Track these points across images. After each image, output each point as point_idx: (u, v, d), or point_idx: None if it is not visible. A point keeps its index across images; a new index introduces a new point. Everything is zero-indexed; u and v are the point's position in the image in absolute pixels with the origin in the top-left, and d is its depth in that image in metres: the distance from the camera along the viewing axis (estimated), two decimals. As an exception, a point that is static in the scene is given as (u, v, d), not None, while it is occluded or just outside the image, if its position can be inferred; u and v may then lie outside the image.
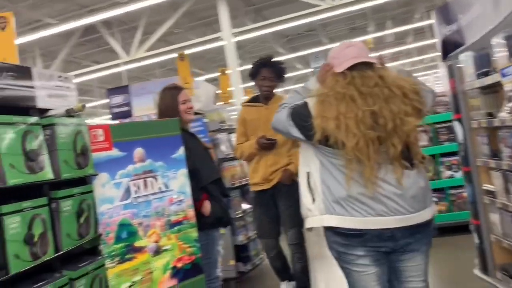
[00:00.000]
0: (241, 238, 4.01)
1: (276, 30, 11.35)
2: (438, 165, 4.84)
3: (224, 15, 10.07)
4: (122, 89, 4.68)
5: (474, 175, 2.88)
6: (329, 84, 1.89)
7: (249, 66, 3.39)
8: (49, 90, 1.88)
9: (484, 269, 2.94)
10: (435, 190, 4.77)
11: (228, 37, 10.17)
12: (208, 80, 9.88)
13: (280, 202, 3.23)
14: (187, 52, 12.60)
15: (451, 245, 4.24)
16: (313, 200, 1.92)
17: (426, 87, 1.98)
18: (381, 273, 1.89)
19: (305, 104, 1.91)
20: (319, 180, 1.90)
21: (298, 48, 17.19)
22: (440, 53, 3.12)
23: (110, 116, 4.67)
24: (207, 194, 2.59)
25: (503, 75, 2.34)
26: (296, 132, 1.93)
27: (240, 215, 4.03)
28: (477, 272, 3.04)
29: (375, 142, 1.75)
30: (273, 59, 3.36)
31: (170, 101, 2.68)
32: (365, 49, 1.94)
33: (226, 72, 6.03)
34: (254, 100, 3.47)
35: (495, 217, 2.78)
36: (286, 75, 3.43)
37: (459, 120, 2.92)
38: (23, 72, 1.78)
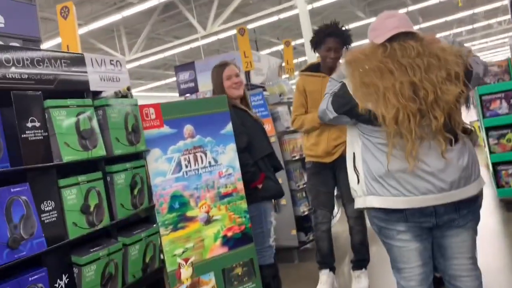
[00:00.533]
0: (302, 209, 4.08)
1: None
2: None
3: (297, -19, 9.89)
4: (188, 66, 4.88)
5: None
6: (368, 56, 1.85)
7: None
8: (101, 74, 2.05)
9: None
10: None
11: (302, 5, 9.99)
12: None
13: (340, 176, 3.15)
14: (262, 22, 12.64)
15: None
16: (358, 181, 1.91)
17: (478, 59, 1.85)
18: (423, 249, 1.86)
19: (342, 85, 1.88)
20: (361, 160, 1.89)
21: (379, 11, 16.38)
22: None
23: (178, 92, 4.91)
24: (260, 170, 2.67)
25: None
26: (341, 116, 1.89)
27: (301, 186, 4.08)
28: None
29: (416, 115, 1.68)
30: (340, 27, 3.11)
31: (216, 79, 2.75)
32: (406, 20, 1.84)
33: (292, 43, 5.95)
34: (314, 69, 3.27)
35: None
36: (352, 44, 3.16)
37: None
38: (77, 59, 1.97)
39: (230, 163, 2.50)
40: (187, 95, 4.82)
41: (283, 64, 5.56)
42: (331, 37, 3.06)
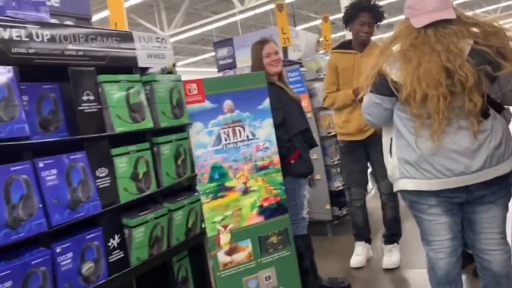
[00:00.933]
0: (336, 184, 4.16)
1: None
2: None
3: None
4: (226, 42, 4.96)
5: None
6: (403, 39, 1.84)
7: None
8: (148, 51, 2.18)
9: None
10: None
11: (341, -22, 9.82)
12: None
13: (373, 153, 3.21)
14: (300, -3, 12.44)
15: None
16: (394, 166, 1.96)
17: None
18: (453, 223, 1.90)
19: (379, 71, 1.88)
20: (395, 145, 1.94)
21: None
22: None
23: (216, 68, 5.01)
24: (295, 146, 2.76)
25: None
26: (383, 102, 1.91)
27: (336, 162, 4.14)
28: None
29: (446, 97, 1.70)
30: (373, 2, 3.12)
31: (256, 56, 2.83)
32: (446, 2, 1.79)
33: (330, 18, 5.90)
34: (345, 46, 3.29)
35: None
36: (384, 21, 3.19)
37: None
38: (126, 37, 2.10)
39: (267, 137, 2.61)
40: (226, 71, 4.93)
41: (321, 39, 5.55)
42: (364, 11, 3.08)
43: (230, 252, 2.45)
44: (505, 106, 1.86)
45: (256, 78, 2.60)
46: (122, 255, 1.89)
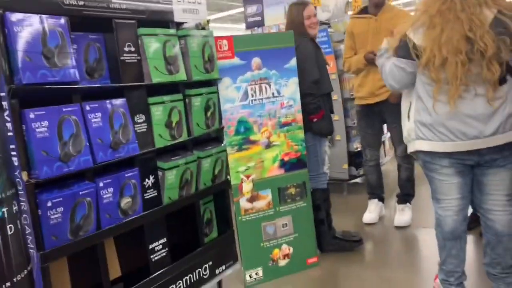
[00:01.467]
0: (355, 145, 4.30)
1: None
2: None
3: None
4: (256, -1, 4.99)
5: None
6: (431, 5, 1.91)
7: None
8: (183, 6, 2.30)
9: None
10: None
11: None
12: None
13: (389, 119, 3.34)
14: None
15: None
16: (411, 128, 2.08)
17: None
18: (463, 183, 2.03)
19: (403, 36, 1.99)
20: (414, 109, 2.05)
21: None
22: None
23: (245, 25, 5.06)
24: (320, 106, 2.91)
25: None
26: (407, 66, 2.00)
27: (356, 124, 4.25)
28: None
29: (465, 64, 1.79)
30: None
31: (296, 16, 2.92)
32: None
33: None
34: (362, 11, 3.41)
35: None
36: None
37: None
38: (164, -8, 2.22)
39: (291, 96, 2.74)
40: (254, 28, 4.99)
41: (351, 0, 5.52)
42: None
43: (251, 200, 2.65)
44: None
45: (284, 38, 2.71)
46: (156, 194, 2.09)
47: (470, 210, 2.29)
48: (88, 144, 1.78)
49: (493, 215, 2.03)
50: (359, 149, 4.30)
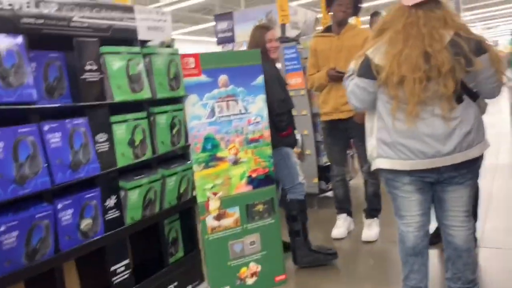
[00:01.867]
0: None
1: None
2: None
3: None
4: (227, 16, 5.02)
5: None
6: (393, 18, 1.96)
7: None
8: (148, 24, 2.30)
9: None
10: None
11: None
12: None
13: (354, 136, 3.39)
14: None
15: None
16: (373, 145, 2.11)
17: (483, 47, 1.88)
18: (423, 200, 2.07)
19: (365, 56, 2.03)
20: (376, 125, 2.08)
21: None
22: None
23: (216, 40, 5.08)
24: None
25: None
26: (368, 86, 2.02)
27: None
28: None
29: (422, 81, 1.83)
30: None
31: (259, 38, 2.97)
32: None
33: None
34: (326, 30, 3.49)
35: None
36: (362, 7, 3.41)
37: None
38: (128, 10, 2.21)
39: (259, 112, 2.75)
40: (225, 44, 5.01)
41: (319, 16, 5.61)
42: None
43: (218, 218, 2.63)
44: (479, 96, 1.99)
45: (251, 56, 2.72)
46: (118, 214, 2.06)
47: (434, 225, 2.33)
48: (46, 165, 1.74)
49: (453, 230, 2.08)
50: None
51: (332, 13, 3.39)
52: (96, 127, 1.98)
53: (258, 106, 2.75)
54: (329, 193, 4.46)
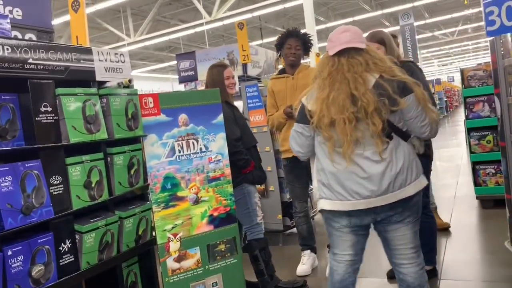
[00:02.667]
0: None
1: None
2: (500, 136, 4.72)
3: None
4: (189, 55, 5.09)
5: (508, 150, 2.90)
6: (321, 67, 2.11)
7: (331, 24, 3.58)
8: (106, 66, 2.30)
9: (515, 242, 3.00)
10: (497, 162, 4.70)
11: (306, -4, 10.16)
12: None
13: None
14: (267, 11, 12.76)
15: (504, 217, 4.23)
16: (316, 187, 2.19)
17: (408, 87, 1.99)
18: (357, 242, 2.12)
19: (301, 103, 2.15)
20: (315, 168, 2.18)
21: (385, 4, 16.48)
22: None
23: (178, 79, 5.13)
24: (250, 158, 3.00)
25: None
26: (304, 130, 2.14)
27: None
28: (507, 245, 3.10)
29: (352, 121, 1.94)
30: (299, 31, 3.55)
31: (217, 77, 3.09)
32: (359, 35, 2.09)
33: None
34: (281, 72, 3.68)
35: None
36: (312, 47, 3.60)
37: (498, 95, 2.92)
38: (85, 52, 2.22)
39: (219, 150, 2.76)
40: (187, 82, 5.06)
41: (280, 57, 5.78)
42: (292, 37, 3.49)
43: (178, 259, 2.58)
44: (411, 136, 2.07)
45: (210, 95, 2.76)
46: (72, 259, 1.99)
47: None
48: (-5, 210, 1.68)
49: (403, 268, 2.11)
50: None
51: (283, 56, 3.56)
52: (51, 169, 1.93)
53: (218, 144, 2.77)
54: (294, 229, 4.46)
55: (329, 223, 2.15)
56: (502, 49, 2.87)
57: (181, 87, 5.35)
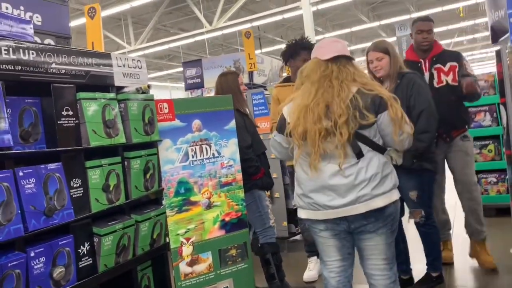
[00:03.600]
0: (293, 203, 4.38)
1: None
2: (502, 146, 4.78)
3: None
4: (195, 63, 5.15)
5: (514, 159, 2.95)
6: (311, 71, 2.11)
7: (329, 35, 3.58)
8: (124, 70, 2.34)
9: (520, 249, 3.03)
10: (498, 171, 4.76)
11: (306, 6, 10.25)
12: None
13: None
14: (267, 21, 12.88)
15: (508, 225, 4.27)
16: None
17: (382, 103, 2.02)
18: (341, 246, 2.13)
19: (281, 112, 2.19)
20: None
21: (383, 16, 16.66)
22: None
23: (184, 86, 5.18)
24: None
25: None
26: (282, 141, 2.17)
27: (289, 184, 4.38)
28: (513, 252, 3.14)
29: (321, 132, 1.97)
30: (311, 42, 3.52)
31: (233, 83, 3.14)
32: (347, 48, 2.16)
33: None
34: (286, 80, 3.71)
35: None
36: None
37: (504, 104, 2.97)
38: (105, 57, 2.26)
39: (231, 156, 2.80)
40: (193, 90, 5.10)
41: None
42: (305, 50, 3.39)
43: (191, 263, 2.60)
44: (387, 148, 2.12)
45: (223, 101, 2.80)
46: (91, 261, 2.01)
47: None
48: (19, 211, 1.70)
49: (374, 279, 2.12)
50: (297, 206, 4.38)
51: (292, 67, 3.56)
52: (71, 172, 1.96)
53: (230, 149, 2.80)
54: (299, 237, 4.48)
55: (312, 231, 2.19)
56: (508, 59, 2.93)
57: (179, 95, 5.38)
